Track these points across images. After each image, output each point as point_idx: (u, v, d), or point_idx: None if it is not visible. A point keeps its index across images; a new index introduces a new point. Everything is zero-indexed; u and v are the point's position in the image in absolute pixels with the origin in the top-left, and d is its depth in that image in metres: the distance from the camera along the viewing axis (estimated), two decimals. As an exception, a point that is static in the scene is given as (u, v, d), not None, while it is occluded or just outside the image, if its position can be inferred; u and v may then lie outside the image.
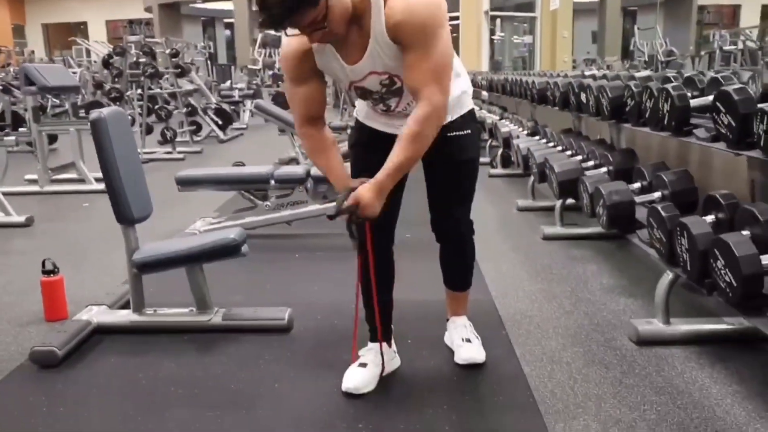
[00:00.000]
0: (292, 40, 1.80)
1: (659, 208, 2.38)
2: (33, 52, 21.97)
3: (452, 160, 1.99)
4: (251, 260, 3.07)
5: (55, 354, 2.29)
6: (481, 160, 6.24)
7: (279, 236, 3.99)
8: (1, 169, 5.60)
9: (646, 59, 14.24)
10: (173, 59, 8.47)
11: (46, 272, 2.80)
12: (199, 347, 2.42)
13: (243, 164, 6.04)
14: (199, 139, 9.31)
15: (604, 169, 3.38)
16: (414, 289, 2.75)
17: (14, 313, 2.88)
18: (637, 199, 2.81)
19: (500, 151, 5.90)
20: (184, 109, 8.61)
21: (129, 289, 2.62)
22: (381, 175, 1.76)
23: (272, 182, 3.93)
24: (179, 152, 7.93)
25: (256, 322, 2.55)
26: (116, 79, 8.14)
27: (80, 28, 27.25)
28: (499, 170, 5.95)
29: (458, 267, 2.23)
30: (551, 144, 4.49)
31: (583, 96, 3.76)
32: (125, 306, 2.74)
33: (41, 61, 18.73)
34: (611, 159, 3.36)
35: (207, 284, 2.60)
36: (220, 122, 9.56)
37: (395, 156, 1.75)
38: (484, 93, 8.54)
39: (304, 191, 3.94)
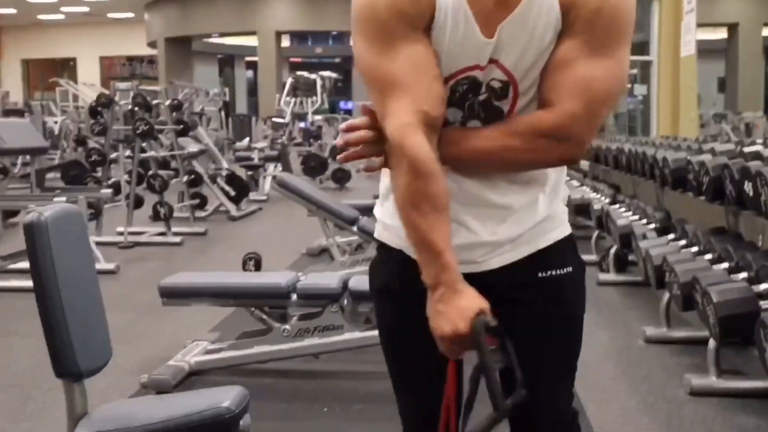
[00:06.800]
0: None
1: None
2: (8, 93, 22.78)
3: (548, 317, 1.60)
4: (255, 416, 2.86)
5: None
6: (588, 258, 6.06)
7: (300, 375, 3.80)
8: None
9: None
10: (174, 113, 8.43)
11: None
12: None
13: (257, 258, 5.88)
14: (204, 214, 9.28)
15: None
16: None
17: None
18: None
19: (614, 249, 5.54)
20: (185, 177, 8.50)
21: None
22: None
23: (294, 297, 3.71)
24: (176, 233, 7.84)
25: None
26: (101, 137, 8.11)
27: (68, 66, 28.42)
28: (612, 276, 5.60)
29: None
30: (695, 249, 4.10)
31: (748, 186, 3.39)
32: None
33: (15, 105, 19.41)
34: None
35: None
36: (232, 193, 9.50)
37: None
38: (584, 163, 8.25)
39: (338, 311, 3.70)
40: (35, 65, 29.02)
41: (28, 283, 2.48)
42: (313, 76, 16.64)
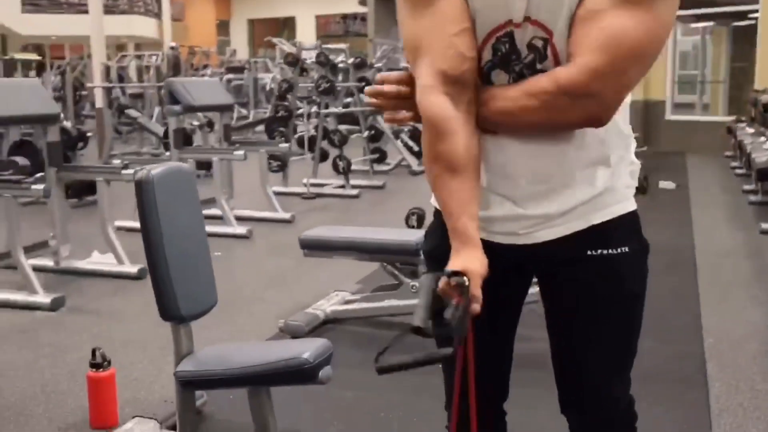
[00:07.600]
0: None
1: None
2: (235, 51, 24.20)
3: (597, 295, 1.53)
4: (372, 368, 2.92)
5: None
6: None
7: (426, 330, 3.71)
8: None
9: None
10: (357, 70, 8.59)
11: (94, 365, 2.75)
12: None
13: (420, 213, 5.91)
14: (386, 168, 9.42)
15: None
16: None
17: (56, 412, 2.89)
18: None
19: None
20: (366, 133, 8.66)
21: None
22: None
23: (421, 255, 3.62)
24: (354, 186, 8.07)
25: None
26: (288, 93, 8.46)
27: (289, 24, 29.71)
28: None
29: None
30: None
31: None
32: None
33: (239, 63, 20.62)
34: None
35: (273, 412, 2.32)
36: (416, 148, 9.50)
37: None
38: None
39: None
40: (260, 24, 30.53)
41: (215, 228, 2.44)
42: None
